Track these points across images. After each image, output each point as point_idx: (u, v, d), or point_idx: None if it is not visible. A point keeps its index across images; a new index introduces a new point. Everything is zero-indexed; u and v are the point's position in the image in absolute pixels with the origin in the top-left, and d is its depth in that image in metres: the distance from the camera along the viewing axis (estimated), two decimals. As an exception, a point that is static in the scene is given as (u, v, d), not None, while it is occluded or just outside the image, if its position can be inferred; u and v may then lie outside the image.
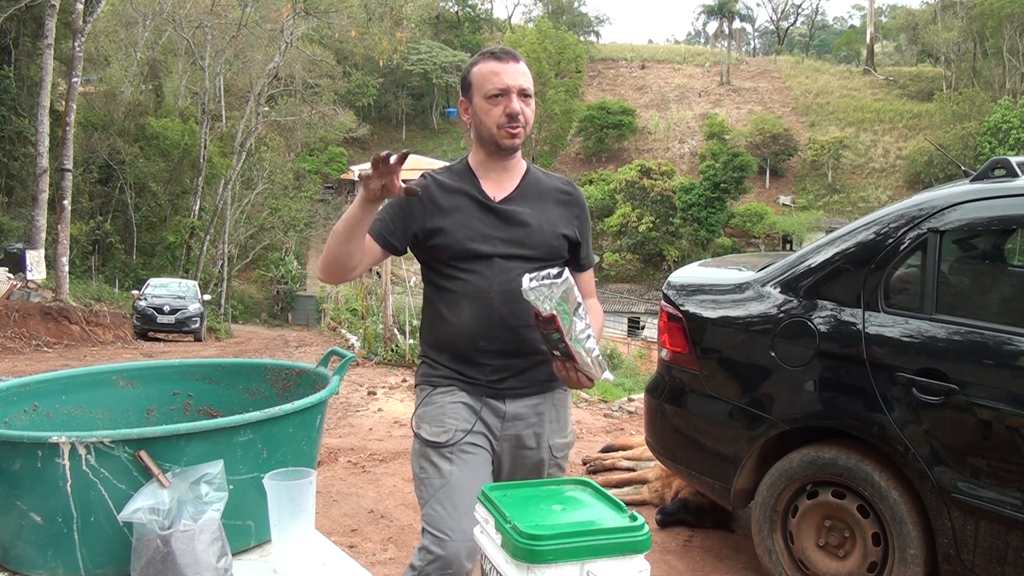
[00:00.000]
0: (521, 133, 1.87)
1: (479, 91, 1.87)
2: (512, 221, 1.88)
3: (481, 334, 1.86)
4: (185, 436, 1.15)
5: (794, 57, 67.14)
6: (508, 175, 1.94)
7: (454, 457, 1.82)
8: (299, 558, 1.22)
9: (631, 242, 39.95)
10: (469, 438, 1.84)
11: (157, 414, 1.55)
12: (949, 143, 41.47)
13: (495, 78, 1.84)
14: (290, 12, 29.87)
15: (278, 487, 1.20)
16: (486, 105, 1.86)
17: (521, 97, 1.85)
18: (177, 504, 1.12)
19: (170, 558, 1.09)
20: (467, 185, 1.91)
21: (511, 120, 1.84)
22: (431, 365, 1.95)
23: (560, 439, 1.98)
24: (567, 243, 1.95)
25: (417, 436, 1.89)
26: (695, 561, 3.42)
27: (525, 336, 1.86)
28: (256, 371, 1.62)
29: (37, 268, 15.87)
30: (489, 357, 1.87)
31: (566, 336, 1.59)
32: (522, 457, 1.93)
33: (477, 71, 1.88)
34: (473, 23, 62.90)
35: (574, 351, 1.61)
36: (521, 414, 1.91)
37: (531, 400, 1.92)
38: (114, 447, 1.11)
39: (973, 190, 2.74)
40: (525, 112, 1.86)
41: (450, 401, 1.87)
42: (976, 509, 2.47)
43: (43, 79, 16.50)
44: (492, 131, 1.87)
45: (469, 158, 1.98)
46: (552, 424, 1.96)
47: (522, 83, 1.86)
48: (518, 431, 1.91)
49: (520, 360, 1.89)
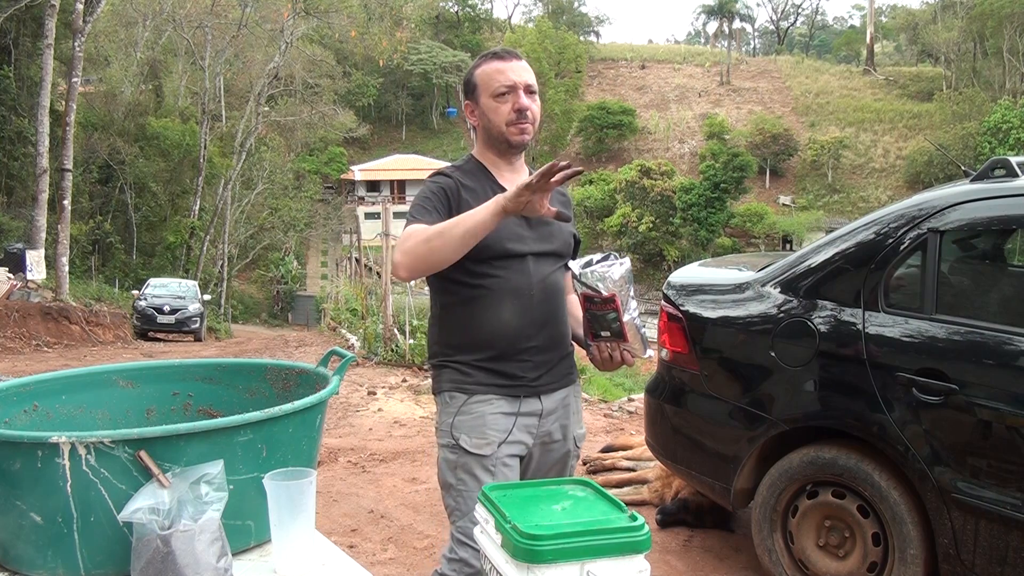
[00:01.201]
0: (530, 129, 1.89)
1: (485, 90, 1.87)
2: (536, 219, 1.88)
3: (524, 332, 1.87)
4: (185, 436, 1.15)
5: (794, 57, 67.15)
6: (518, 175, 1.94)
7: (496, 470, 1.84)
8: (299, 558, 1.22)
9: (631, 242, 39.94)
10: (508, 449, 1.87)
11: (157, 414, 1.55)
12: (949, 143, 41.47)
13: (501, 76, 1.86)
14: (290, 12, 29.88)
15: (278, 487, 1.20)
16: (493, 103, 1.86)
17: (527, 93, 1.87)
18: (177, 504, 1.11)
19: (170, 558, 1.09)
20: (490, 184, 1.92)
21: (520, 116, 1.85)
22: (462, 371, 1.90)
23: (580, 430, 2.04)
24: (574, 240, 2.02)
25: (456, 447, 1.86)
26: (695, 561, 3.42)
27: (560, 331, 1.93)
28: (256, 371, 1.62)
29: (37, 268, 15.87)
30: (531, 353, 1.88)
31: (622, 315, 1.65)
32: (550, 451, 1.96)
33: (481, 71, 1.89)
34: (473, 23, 62.91)
35: (626, 330, 1.67)
36: (553, 408, 1.94)
37: (561, 393, 1.96)
38: (114, 447, 1.11)
39: (973, 190, 2.74)
40: (532, 108, 1.88)
41: (490, 412, 1.87)
42: (976, 509, 2.47)
43: (43, 79, 16.49)
44: (502, 129, 1.87)
45: (478, 158, 1.97)
46: (575, 416, 2.01)
47: (527, 79, 1.87)
48: (548, 427, 1.94)
49: (554, 354, 1.93)
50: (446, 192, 1.86)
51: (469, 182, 1.91)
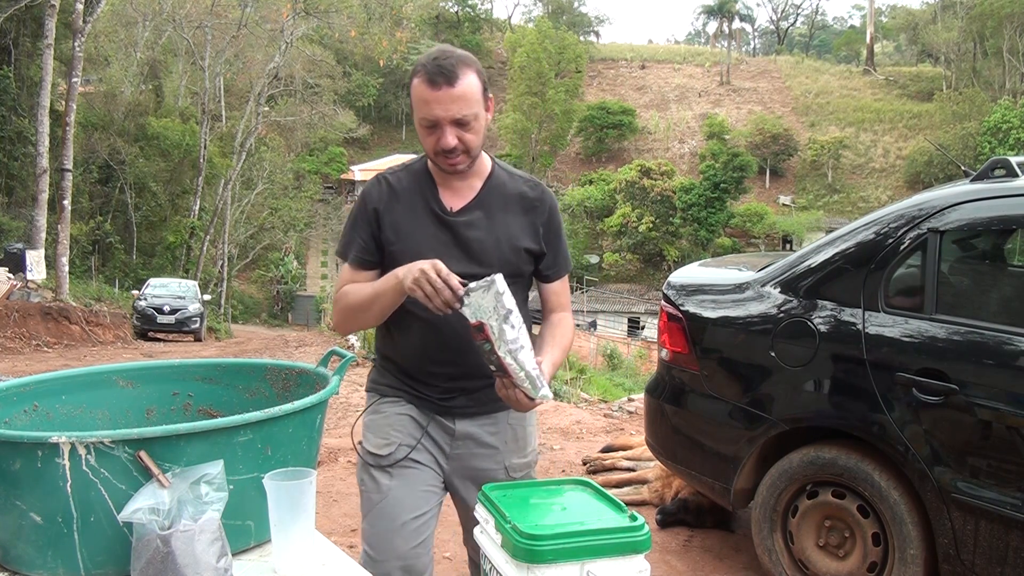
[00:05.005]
0: (461, 160, 1.68)
1: (416, 112, 1.67)
2: (467, 236, 1.74)
3: (431, 357, 1.77)
4: (185, 436, 1.15)
5: (794, 57, 67.14)
6: (467, 183, 1.78)
7: (395, 472, 1.76)
8: (299, 558, 1.22)
9: (631, 242, 39.96)
10: (413, 454, 1.77)
11: (157, 414, 1.55)
12: (949, 143, 41.48)
13: (425, 108, 1.63)
14: (290, 12, 29.85)
15: (278, 487, 1.20)
16: (422, 130, 1.68)
17: (457, 127, 1.64)
18: (177, 504, 1.11)
19: (170, 558, 1.09)
20: (424, 191, 1.77)
21: (446, 154, 1.66)
22: (380, 371, 1.88)
23: (519, 459, 1.87)
24: (529, 256, 1.79)
25: (360, 445, 1.82)
26: (695, 561, 3.42)
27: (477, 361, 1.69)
28: (256, 371, 1.62)
29: (37, 268, 15.86)
30: (438, 379, 1.78)
31: (496, 347, 1.48)
32: (476, 478, 1.82)
33: (413, 90, 1.66)
34: (473, 23, 62.89)
35: (505, 363, 1.49)
36: (473, 434, 1.81)
37: (484, 419, 1.82)
38: (114, 447, 1.11)
39: (973, 190, 2.74)
40: (465, 139, 1.66)
41: (397, 412, 1.80)
42: (976, 509, 2.47)
43: (43, 79, 16.49)
44: (432, 156, 1.71)
45: (428, 163, 1.81)
46: (510, 444, 1.85)
47: (454, 113, 1.62)
48: (470, 450, 1.82)
49: (473, 381, 1.77)
50: (367, 216, 1.76)
51: (408, 186, 1.78)
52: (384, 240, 1.75)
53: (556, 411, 6.63)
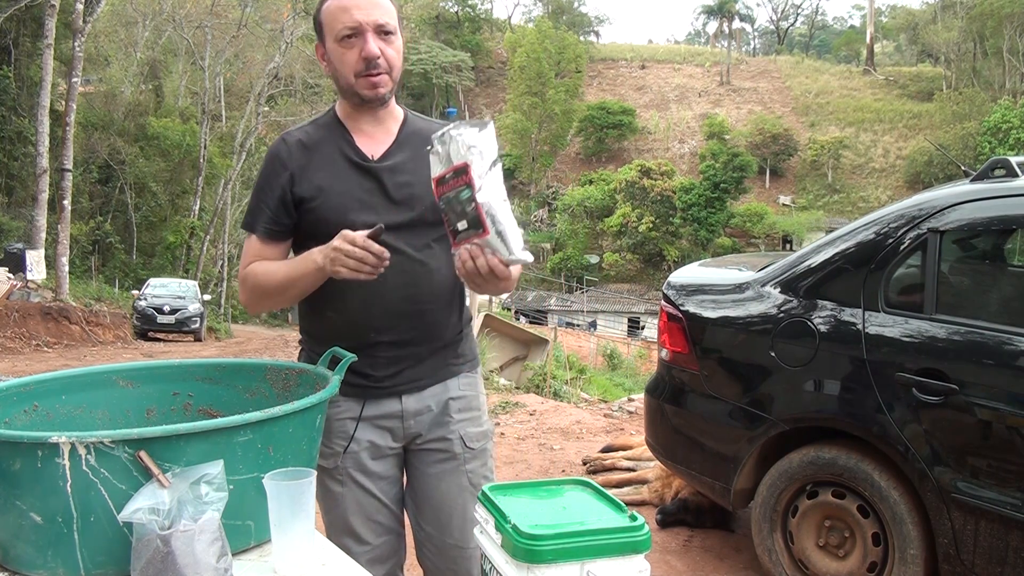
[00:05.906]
0: (384, 80, 1.57)
1: (330, 33, 1.57)
2: (393, 182, 1.61)
3: (373, 325, 1.62)
4: (185, 436, 1.15)
5: (794, 57, 67.20)
6: (383, 127, 1.66)
7: (345, 479, 1.68)
8: (299, 558, 1.22)
9: (631, 242, 39.98)
10: (361, 457, 1.68)
11: (157, 414, 1.55)
12: (949, 143, 41.49)
13: (344, 15, 1.53)
14: (290, 12, 29.86)
15: (278, 487, 1.20)
16: (339, 49, 1.56)
17: (380, 35, 1.55)
18: (177, 504, 1.11)
19: (170, 558, 1.09)
20: (337, 141, 1.63)
21: (368, 65, 1.55)
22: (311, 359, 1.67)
23: (474, 428, 1.75)
24: None
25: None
26: (695, 561, 3.42)
27: (430, 320, 1.64)
28: (256, 371, 1.62)
29: (37, 268, 15.87)
30: (383, 349, 1.64)
31: (477, 191, 1.28)
32: (433, 455, 1.72)
33: (326, 8, 1.57)
34: (473, 23, 62.93)
35: (484, 216, 1.29)
36: (422, 409, 1.70)
37: (432, 390, 1.70)
38: (114, 447, 1.10)
39: (973, 190, 2.74)
40: (387, 53, 1.56)
41: (336, 418, 1.67)
42: (976, 509, 2.47)
43: (43, 79, 16.50)
44: (351, 80, 1.57)
45: (336, 108, 1.69)
46: (462, 413, 1.73)
47: (377, 18, 1.54)
48: (420, 428, 1.70)
49: (420, 348, 1.66)
50: (278, 180, 1.62)
51: (318, 142, 1.64)
52: (301, 201, 1.61)
53: (556, 411, 6.63)
